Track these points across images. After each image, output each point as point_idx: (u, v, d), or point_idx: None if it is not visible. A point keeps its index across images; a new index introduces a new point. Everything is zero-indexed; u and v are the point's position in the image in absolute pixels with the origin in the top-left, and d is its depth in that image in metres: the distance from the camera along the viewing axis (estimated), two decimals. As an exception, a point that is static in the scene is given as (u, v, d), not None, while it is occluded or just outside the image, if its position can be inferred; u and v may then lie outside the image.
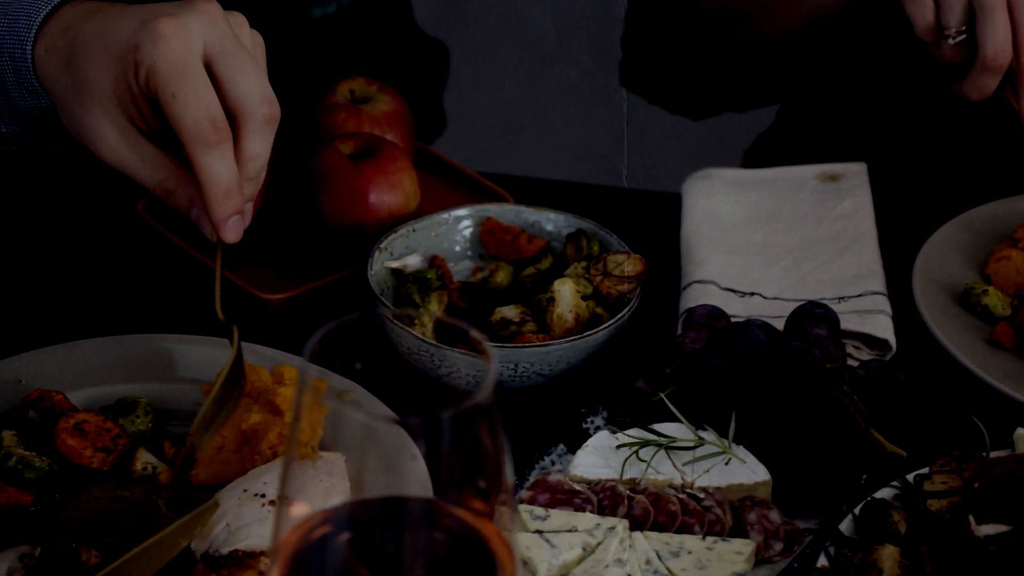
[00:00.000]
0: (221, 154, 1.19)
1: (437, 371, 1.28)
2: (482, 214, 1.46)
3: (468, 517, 0.90)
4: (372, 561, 0.89)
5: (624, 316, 1.33)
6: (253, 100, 1.20)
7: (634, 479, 1.21)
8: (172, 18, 1.19)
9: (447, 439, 0.85)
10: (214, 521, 1.16)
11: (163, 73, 1.18)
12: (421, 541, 0.89)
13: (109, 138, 1.22)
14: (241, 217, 1.23)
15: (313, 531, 0.91)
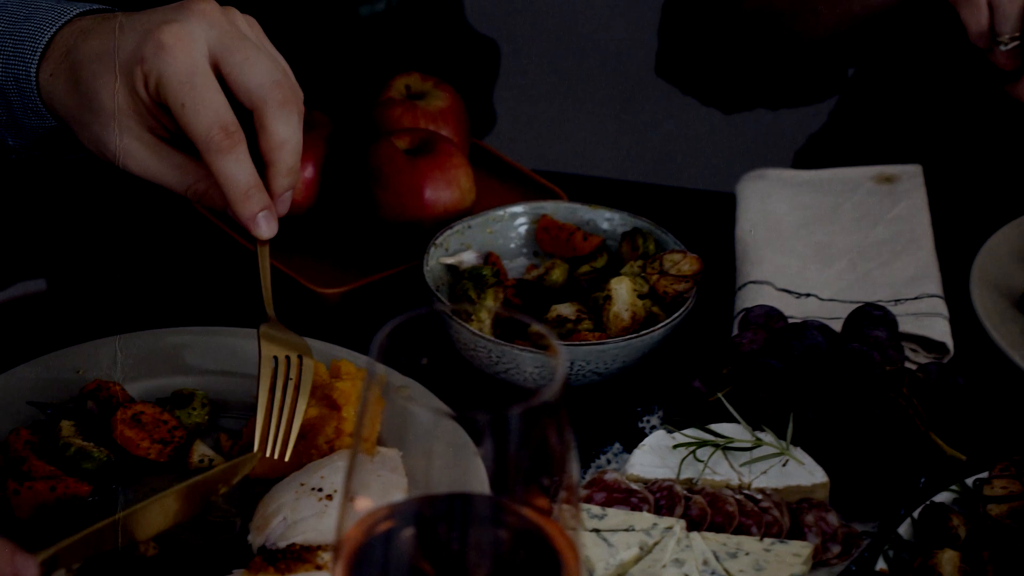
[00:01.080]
0: (236, 157, 1.20)
1: (494, 367, 1.28)
2: (537, 211, 1.45)
3: (532, 515, 0.90)
4: (436, 557, 0.88)
5: (680, 315, 1.33)
6: (264, 87, 1.20)
7: (691, 479, 1.21)
8: (173, 26, 1.19)
9: (514, 436, 0.85)
10: (271, 514, 1.16)
11: (171, 83, 1.18)
12: (485, 538, 0.89)
13: (133, 151, 1.23)
14: (271, 212, 1.23)
15: (377, 526, 0.91)
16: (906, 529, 1.17)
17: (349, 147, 1.49)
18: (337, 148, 1.49)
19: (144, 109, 1.21)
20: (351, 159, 1.47)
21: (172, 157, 1.24)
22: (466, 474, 1.05)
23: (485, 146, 1.59)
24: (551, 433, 0.87)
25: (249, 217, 1.22)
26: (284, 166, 1.23)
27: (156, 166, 1.23)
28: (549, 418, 0.86)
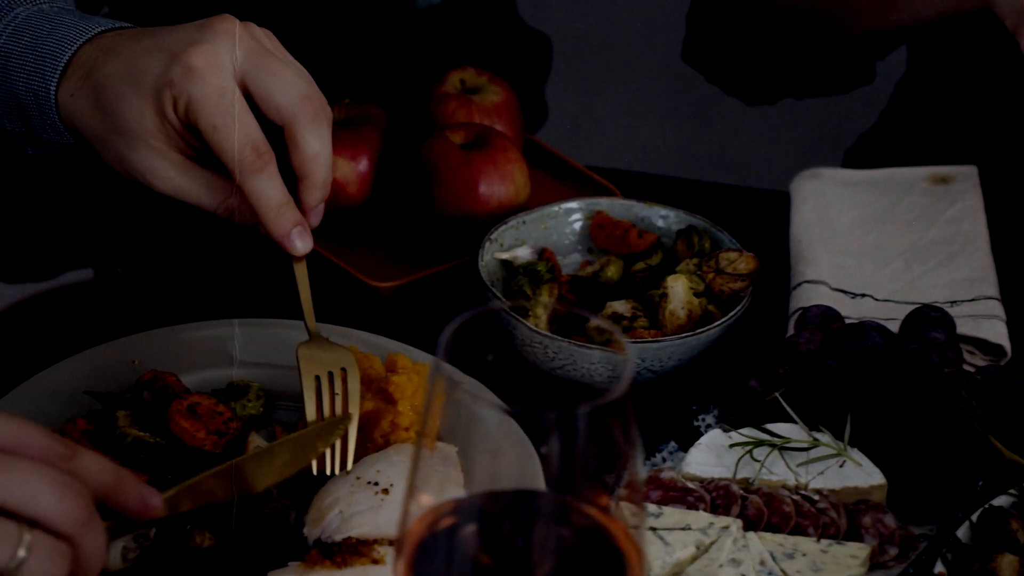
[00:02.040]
0: (267, 176, 1.20)
1: (550, 364, 1.28)
2: (592, 207, 1.45)
3: (596, 513, 0.90)
4: (499, 554, 0.88)
5: (736, 314, 1.32)
6: (295, 103, 1.20)
7: (747, 479, 1.21)
8: (201, 47, 1.19)
9: (581, 434, 0.85)
10: (327, 508, 1.16)
11: (202, 106, 1.18)
12: (548, 536, 0.89)
13: (162, 171, 1.23)
14: (304, 227, 1.24)
15: (439, 522, 0.90)
16: (964, 532, 1.17)
17: (404, 141, 1.49)
18: (392, 142, 1.49)
19: (172, 130, 1.21)
20: (405, 153, 1.47)
21: (200, 176, 1.24)
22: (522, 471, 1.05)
23: (539, 141, 1.59)
24: (617, 431, 0.86)
25: (284, 234, 1.23)
26: (317, 179, 1.23)
27: (185, 185, 1.23)
28: (616, 416, 0.86)
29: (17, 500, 0.90)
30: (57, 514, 0.90)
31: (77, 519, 0.91)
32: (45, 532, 0.90)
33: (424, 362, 1.28)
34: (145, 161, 1.22)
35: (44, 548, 0.90)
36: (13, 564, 0.89)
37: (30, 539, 0.89)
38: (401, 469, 1.19)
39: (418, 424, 1.23)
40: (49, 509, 0.90)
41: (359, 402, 1.21)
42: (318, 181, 1.23)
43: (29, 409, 1.23)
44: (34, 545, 0.89)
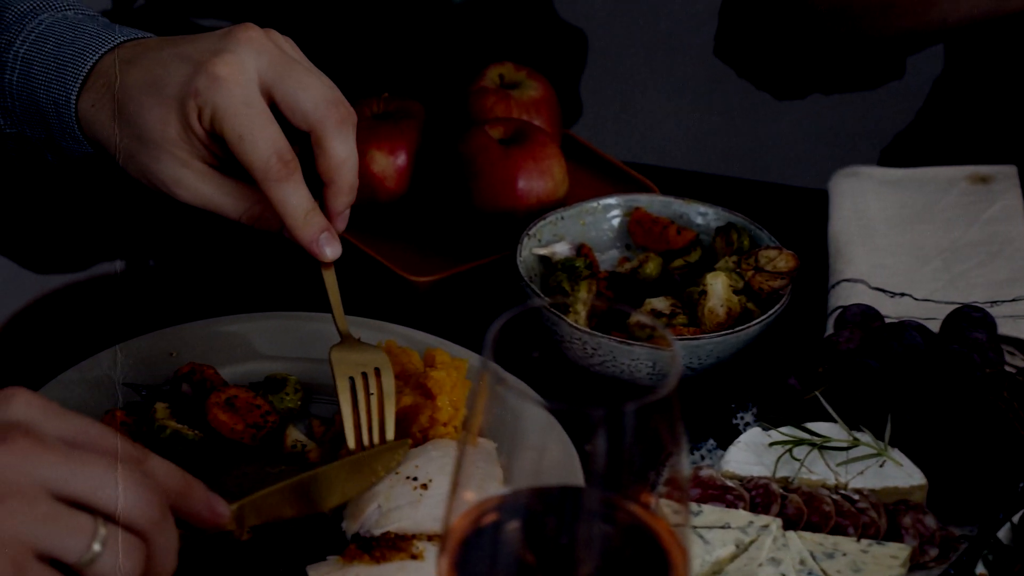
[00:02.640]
0: (293, 184, 1.20)
1: (589, 360, 1.28)
2: (631, 204, 1.44)
3: (640, 512, 0.89)
4: (542, 551, 0.88)
5: (776, 312, 1.31)
6: (320, 111, 1.20)
7: (787, 477, 1.20)
8: (225, 56, 1.19)
9: (628, 431, 0.84)
10: (365, 502, 1.16)
11: (227, 116, 1.18)
12: (593, 533, 0.89)
13: (185, 181, 1.22)
14: (331, 233, 1.23)
15: (483, 518, 0.90)
16: (1005, 534, 1.16)
17: (442, 136, 1.49)
18: (430, 136, 1.48)
19: (195, 140, 1.21)
20: (444, 148, 1.47)
21: (224, 184, 1.23)
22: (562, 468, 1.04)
23: (576, 137, 1.59)
24: (663, 429, 0.86)
25: (312, 240, 1.23)
26: (345, 184, 1.23)
27: (208, 194, 1.23)
28: (662, 414, 0.85)
29: (93, 494, 0.90)
30: (132, 510, 0.91)
31: (151, 517, 0.91)
32: (119, 528, 0.90)
33: (462, 357, 1.28)
34: (168, 171, 1.22)
35: (119, 544, 0.90)
36: (88, 558, 0.89)
37: (105, 533, 0.89)
38: (440, 464, 1.19)
39: (456, 419, 1.23)
40: (124, 505, 0.90)
41: (394, 400, 1.20)
42: (345, 186, 1.23)
43: (68, 400, 1.23)
44: (108, 540, 0.90)
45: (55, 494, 0.89)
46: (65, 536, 0.88)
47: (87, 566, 0.89)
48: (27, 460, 0.88)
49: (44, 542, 0.88)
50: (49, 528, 0.88)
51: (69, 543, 0.89)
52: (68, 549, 0.89)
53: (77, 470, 0.90)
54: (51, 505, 0.88)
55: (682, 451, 0.87)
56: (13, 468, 0.88)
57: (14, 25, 1.27)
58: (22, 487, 0.88)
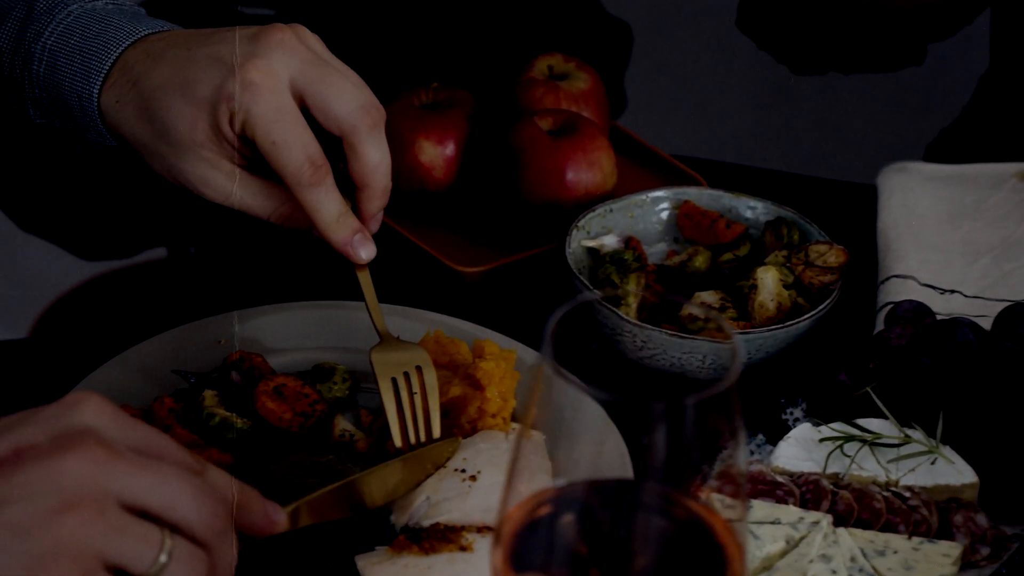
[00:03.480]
0: (325, 188, 1.20)
1: (639, 353, 1.27)
2: (680, 197, 1.44)
3: (696, 506, 0.89)
4: (597, 543, 0.88)
5: (826, 307, 1.31)
6: (353, 116, 1.19)
7: (837, 474, 1.19)
8: (257, 62, 1.18)
9: (688, 424, 0.84)
10: (414, 494, 1.16)
11: (260, 122, 1.17)
12: (648, 526, 0.88)
13: (213, 181, 1.22)
14: (364, 234, 1.23)
15: (537, 509, 0.90)
16: (1058, 534, 1.15)
17: (490, 126, 1.48)
18: (479, 127, 1.48)
19: (225, 142, 1.20)
20: (492, 138, 1.47)
21: (253, 184, 1.23)
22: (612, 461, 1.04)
23: (624, 129, 1.58)
24: (722, 423, 0.86)
25: (345, 243, 1.22)
26: (378, 188, 1.23)
27: (237, 194, 1.23)
28: (722, 408, 0.85)
29: (161, 504, 0.89)
30: (197, 521, 0.90)
31: (215, 528, 0.91)
32: (185, 539, 0.90)
33: (510, 348, 1.28)
34: (196, 171, 1.21)
35: (184, 554, 0.89)
36: (155, 569, 0.88)
37: (171, 545, 0.89)
38: (489, 457, 1.19)
39: (505, 411, 1.23)
40: (190, 515, 0.89)
41: (438, 396, 1.20)
42: (378, 190, 1.23)
43: (118, 385, 1.23)
44: (175, 551, 0.89)
45: (124, 504, 0.88)
46: (134, 547, 0.87)
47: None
48: (99, 469, 0.87)
49: (113, 552, 0.87)
50: (119, 539, 0.87)
51: (138, 554, 0.88)
52: (136, 560, 0.88)
53: (147, 480, 0.89)
54: (121, 515, 0.87)
55: (741, 446, 0.87)
56: (85, 477, 0.87)
57: (44, 15, 1.27)
58: (93, 496, 0.87)
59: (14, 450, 0.87)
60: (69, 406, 0.90)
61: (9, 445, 0.87)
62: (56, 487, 0.86)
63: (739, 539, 0.88)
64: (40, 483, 0.86)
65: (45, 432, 0.88)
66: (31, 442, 0.88)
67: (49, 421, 0.89)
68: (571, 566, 0.87)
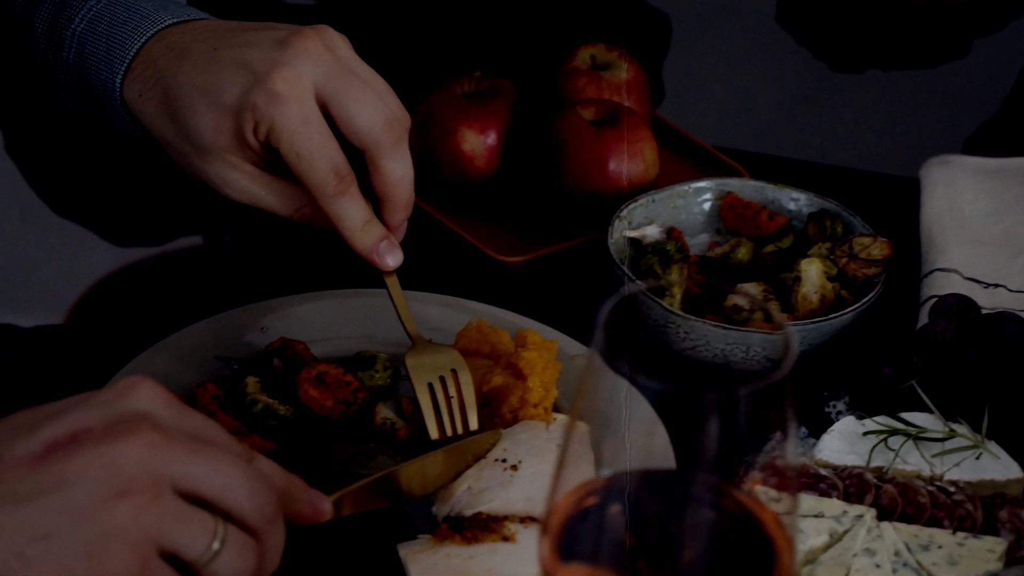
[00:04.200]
0: (350, 198, 1.19)
1: (681, 344, 1.27)
2: (722, 188, 1.43)
3: (746, 499, 0.88)
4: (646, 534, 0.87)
5: (870, 300, 1.30)
6: (375, 131, 1.18)
7: (881, 467, 1.19)
8: (283, 70, 1.16)
9: (741, 415, 0.83)
10: (455, 486, 1.16)
11: (285, 133, 1.16)
12: (696, 517, 0.88)
13: (235, 183, 1.21)
14: (390, 241, 1.22)
15: (584, 500, 0.90)
16: (1104, 530, 1.14)
17: (532, 115, 1.48)
18: (520, 116, 1.48)
19: (248, 147, 1.19)
20: (535, 127, 1.46)
21: (275, 185, 1.22)
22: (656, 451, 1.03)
23: (666, 120, 1.57)
24: (774, 415, 0.85)
25: (371, 250, 1.21)
26: (400, 202, 1.22)
27: (259, 195, 1.22)
28: (773, 399, 0.84)
29: (215, 491, 0.88)
30: (249, 508, 0.89)
31: (266, 515, 0.90)
32: (237, 526, 0.89)
33: (552, 338, 1.27)
34: (218, 173, 1.20)
35: (237, 542, 0.89)
36: (207, 557, 0.88)
37: (224, 532, 0.88)
38: (529, 446, 1.19)
39: (547, 401, 1.23)
40: (243, 503, 0.89)
41: (475, 399, 1.20)
42: (400, 204, 1.22)
43: (160, 371, 1.23)
44: (228, 538, 0.88)
45: (179, 490, 0.88)
46: (189, 533, 0.87)
47: (206, 565, 0.88)
48: (155, 454, 0.87)
49: (168, 538, 0.87)
50: (174, 525, 0.87)
51: (192, 540, 0.87)
52: (190, 546, 0.87)
53: (202, 467, 0.88)
54: (176, 501, 0.87)
55: (792, 438, 0.86)
56: (141, 462, 0.86)
57: (76, 1, 1.26)
58: (149, 482, 0.86)
59: (70, 434, 0.87)
60: (124, 391, 0.90)
61: (65, 429, 0.87)
62: (112, 472, 0.86)
63: (788, 532, 0.88)
64: (96, 468, 0.86)
65: (100, 417, 0.88)
66: (87, 426, 0.87)
67: (104, 406, 0.89)
68: (618, 557, 0.87)
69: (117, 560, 0.85)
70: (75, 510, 0.85)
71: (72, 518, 0.85)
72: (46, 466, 0.86)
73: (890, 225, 1.43)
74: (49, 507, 0.85)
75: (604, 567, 0.87)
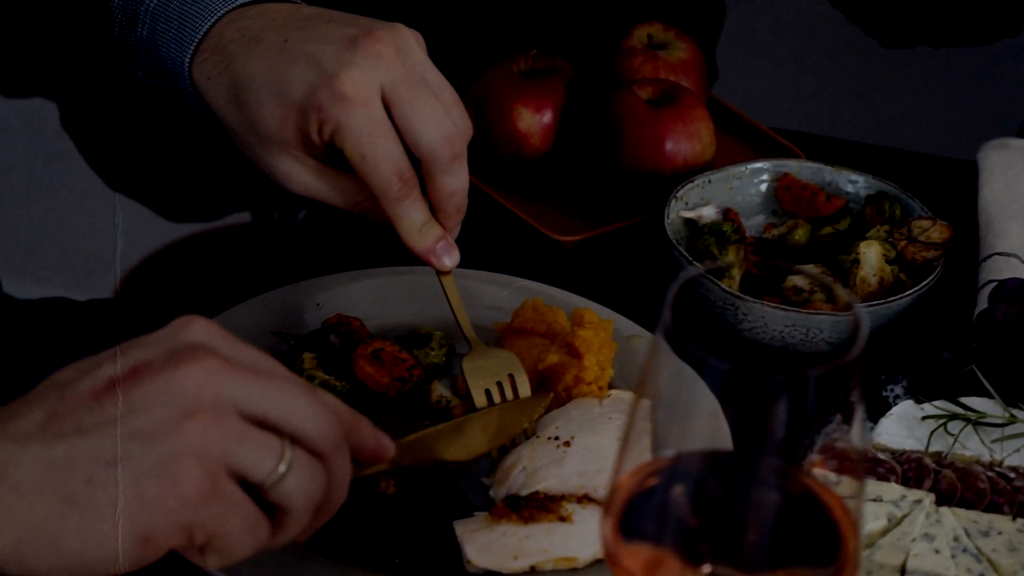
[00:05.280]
0: (411, 201, 1.19)
1: (739, 325, 1.26)
2: (780, 169, 1.42)
3: (811, 480, 0.88)
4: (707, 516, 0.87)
5: (929, 283, 1.29)
6: (434, 144, 1.18)
7: (940, 452, 1.18)
8: (352, 72, 1.15)
9: (809, 397, 0.83)
10: (510, 467, 1.15)
11: (351, 135, 1.16)
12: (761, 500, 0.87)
13: (297, 177, 1.21)
14: (447, 241, 1.22)
15: (647, 480, 0.89)
16: None
17: (588, 94, 1.47)
18: (576, 95, 1.47)
19: (311, 143, 1.19)
20: (591, 106, 1.45)
21: (335, 179, 1.21)
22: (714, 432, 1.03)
23: (722, 101, 1.57)
24: (842, 397, 0.84)
25: (428, 251, 1.21)
26: (452, 210, 1.22)
27: (319, 188, 1.22)
28: (844, 381, 0.83)
29: (280, 413, 0.89)
30: (315, 432, 0.90)
31: (333, 441, 0.91)
32: (303, 451, 0.90)
33: (608, 318, 1.27)
34: (280, 165, 1.20)
35: (304, 465, 0.89)
36: (274, 478, 0.88)
37: (291, 455, 0.89)
38: (581, 424, 1.18)
39: (603, 380, 1.22)
40: (308, 425, 0.90)
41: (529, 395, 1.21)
42: (452, 212, 1.22)
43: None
44: (294, 461, 0.89)
45: (243, 413, 0.88)
46: (255, 453, 0.88)
47: (273, 486, 0.88)
48: (216, 377, 0.88)
49: (235, 458, 0.87)
50: (240, 445, 0.87)
51: (259, 461, 0.88)
52: (257, 467, 0.88)
53: (265, 389, 0.89)
54: (240, 423, 0.88)
55: (860, 420, 0.86)
56: (203, 385, 0.87)
57: None
58: (213, 404, 0.87)
59: (130, 369, 0.88)
60: (179, 327, 0.91)
61: (127, 364, 0.88)
62: (176, 396, 0.87)
63: (854, 516, 0.87)
64: (161, 394, 0.87)
65: (159, 351, 0.89)
66: (146, 360, 0.88)
67: (160, 342, 0.90)
68: (680, 538, 0.86)
69: (189, 478, 0.86)
70: (143, 434, 0.86)
71: (140, 442, 0.86)
72: (110, 398, 0.87)
73: (947, 208, 1.42)
74: (116, 435, 0.86)
75: (666, 548, 0.86)
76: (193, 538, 0.87)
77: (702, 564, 0.85)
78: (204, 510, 0.86)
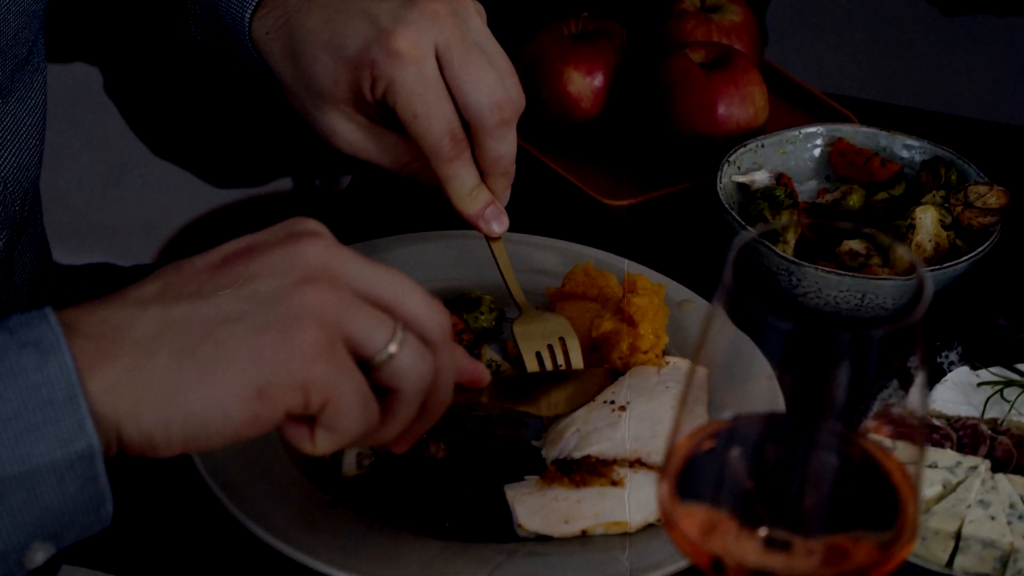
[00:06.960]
0: (463, 163, 1.19)
1: (793, 290, 1.25)
2: (833, 134, 1.41)
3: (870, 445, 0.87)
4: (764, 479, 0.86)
5: (985, 249, 1.27)
6: (484, 110, 1.17)
7: (995, 419, 1.16)
8: (407, 30, 1.14)
9: (872, 359, 0.81)
10: (564, 428, 1.15)
11: (403, 93, 1.15)
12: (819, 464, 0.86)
13: (347, 134, 1.20)
14: (496, 206, 1.21)
15: (704, 443, 0.88)
16: None
17: (640, 57, 1.46)
18: (628, 58, 1.45)
19: (363, 100, 1.18)
20: (642, 70, 1.44)
21: (385, 138, 1.21)
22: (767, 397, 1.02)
23: (774, 65, 1.55)
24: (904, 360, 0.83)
25: (478, 216, 1.21)
26: (498, 174, 1.21)
27: (368, 147, 1.21)
28: (906, 343, 0.82)
29: (393, 295, 0.91)
30: (427, 319, 0.91)
31: (443, 329, 0.92)
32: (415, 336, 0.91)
33: (659, 282, 1.26)
34: (331, 123, 1.20)
35: (414, 348, 0.91)
36: (384, 356, 0.90)
37: (402, 336, 0.90)
38: (638, 389, 1.17)
39: (658, 347, 1.21)
40: (420, 313, 0.91)
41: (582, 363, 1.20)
42: (498, 175, 1.21)
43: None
44: (405, 342, 0.90)
45: (357, 291, 0.89)
46: (368, 325, 0.89)
47: (384, 364, 0.90)
48: (333, 254, 0.90)
49: (350, 327, 0.88)
50: (356, 315, 0.89)
51: (371, 334, 0.89)
52: (370, 340, 0.89)
53: (379, 272, 0.91)
54: (355, 297, 0.89)
55: (921, 384, 0.84)
56: (321, 258, 0.89)
57: None
58: (330, 276, 0.89)
59: (247, 246, 0.90)
60: (294, 221, 0.92)
61: (242, 244, 0.90)
62: (296, 265, 0.88)
63: (913, 481, 0.86)
64: (280, 264, 0.89)
65: (276, 234, 0.91)
66: (265, 240, 0.91)
67: (277, 229, 0.92)
68: (738, 501, 0.85)
69: (308, 335, 0.87)
70: (263, 295, 0.88)
71: (262, 303, 0.87)
72: (230, 267, 0.89)
73: (1003, 174, 1.40)
74: (237, 296, 0.88)
75: (723, 510, 0.85)
76: (309, 399, 0.88)
77: (759, 527, 0.84)
78: (319, 368, 0.87)
